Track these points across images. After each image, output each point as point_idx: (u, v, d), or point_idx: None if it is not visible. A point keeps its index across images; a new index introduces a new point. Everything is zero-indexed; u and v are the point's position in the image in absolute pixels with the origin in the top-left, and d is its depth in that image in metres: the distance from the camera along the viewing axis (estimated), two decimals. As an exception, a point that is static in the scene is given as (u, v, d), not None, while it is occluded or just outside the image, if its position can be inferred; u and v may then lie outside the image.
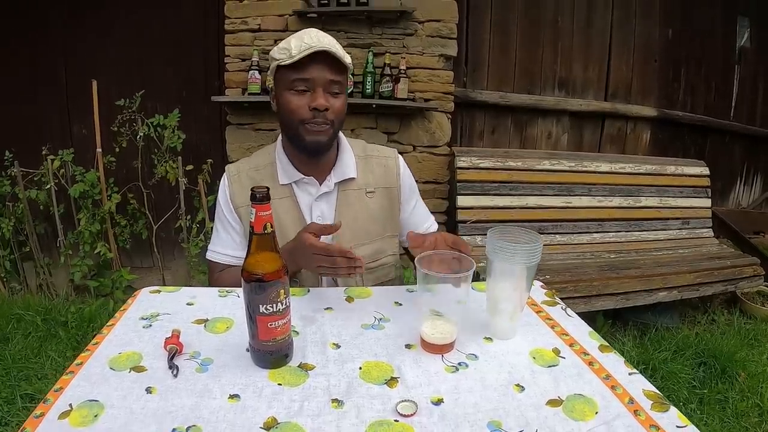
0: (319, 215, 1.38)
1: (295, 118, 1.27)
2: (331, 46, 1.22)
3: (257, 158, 1.46)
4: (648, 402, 0.84)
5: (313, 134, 1.28)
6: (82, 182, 3.21)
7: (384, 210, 1.45)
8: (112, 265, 3.36)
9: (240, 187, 1.41)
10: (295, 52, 1.21)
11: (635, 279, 2.81)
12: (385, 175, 1.45)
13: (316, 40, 1.22)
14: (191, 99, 3.57)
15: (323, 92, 1.25)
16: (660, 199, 3.53)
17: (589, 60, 3.79)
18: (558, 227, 3.30)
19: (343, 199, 1.40)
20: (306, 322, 1.09)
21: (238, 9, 3.13)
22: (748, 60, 4.41)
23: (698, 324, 3.11)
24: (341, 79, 1.28)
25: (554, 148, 3.82)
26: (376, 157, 1.46)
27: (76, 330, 2.82)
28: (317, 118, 1.26)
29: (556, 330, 1.09)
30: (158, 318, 1.10)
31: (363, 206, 1.41)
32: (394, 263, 1.48)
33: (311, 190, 1.39)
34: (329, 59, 1.23)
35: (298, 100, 1.26)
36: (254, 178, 1.41)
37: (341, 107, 1.30)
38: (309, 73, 1.24)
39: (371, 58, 3.05)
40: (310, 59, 1.22)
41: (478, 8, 3.52)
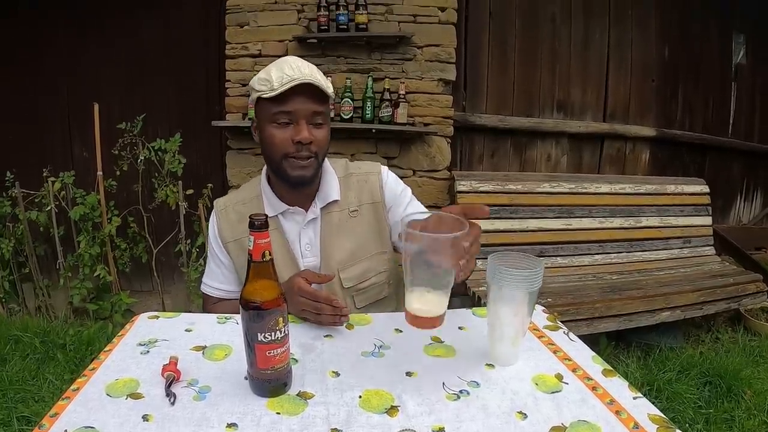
0: (307, 242, 1.37)
1: (279, 152, 1.25)
2: (313, 77, 1.20)
3: (244, 192, 1.45)
4: (653, 426, 0.82)
5: (298, 169, 1.26)
6: (82, 205, 3.22)
7: (370, 227, 1.41)
8: (111, 289, 3.34)
9: (227, 222, 1.40)
10: (277, 85, 1.19)
11: (638, 300, 2.79)
12: (368, 190, 1.41)
13: (297, 72, 1.19)
14: (192, 123, 3.59)
15: (306, 124, 1.23)
16: (661, 219, 3.52)
17: (587, 81, 3.81)
18: (559, 249, 3.28)
19: (326, 223, 1.38)
20: (305, 349, 1.07)
21: (239, 34, 3.16)
22: (745, 76, 4.44)
23: (702, 343, 3.09)
24: (324, 109, 1.26)
25: (554, 171, 3.82)
26: (357, 174, 1.43)
27: (75, 353, 2.81)
28: (301, 152, 1.24)
29: (559, 355, 1.07)
30: (156, 344, 1.09)
31: (347, 227, 1.39)
32: (386, 280, 1.45)
33: (297, 219, 1.37)
34: (311, 90, 1.21)
35: (281, 133, 1.24)
36: (241, 212, 1.40)
37: (325, 138, 1.29)
38: (291, 106, 1.21)
39: (371, 83, 3.08)
40: (292, 91, 1.19)
41: (476, 32, 3.56)
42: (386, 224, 1.43)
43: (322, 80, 1.22)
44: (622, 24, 3.83)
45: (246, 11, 3.15)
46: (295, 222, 1.37)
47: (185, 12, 3.52)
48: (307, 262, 1.37)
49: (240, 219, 1.39)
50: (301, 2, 3.14)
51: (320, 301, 1.13)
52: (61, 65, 3.57)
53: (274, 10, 3.14)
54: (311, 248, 1.37)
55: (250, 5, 3.14)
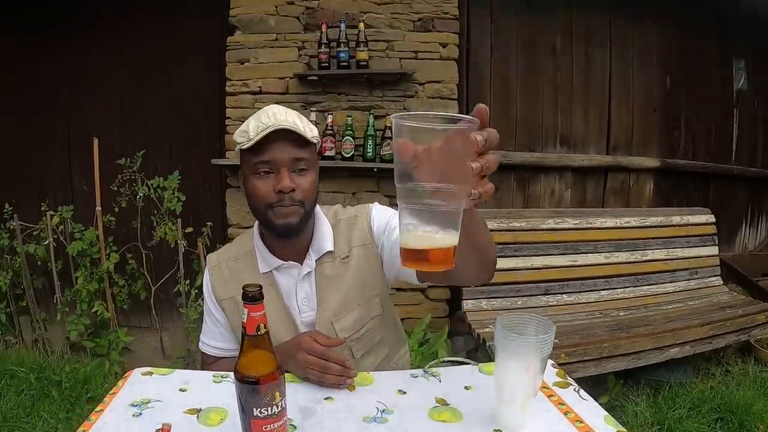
0: (304, 297, 1.32)
1: (262, 202, 1.22)
2: (289, 123, 1.17)
3: (237, 246, 1.41)
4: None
5: (282, 217, 1.21)
6: (80, 240, 3.20)
7: (362, 271, 1.34)
8: (109, 325, 3.30)
9: (221, 280, 1.36)
10: (253, 134, 1.17)
11: (646, 337, 2.73)
12: (357, 234, 1.35)
13: (272, 119, 1.17)
14: (193, 160, 3.60)
15: (288, 172, 1.20)
16: (667, 251, 3.47)
17: (589, 113, 3.80)
18: (564, 287, 3.22)
19: (320, 275, 1.33)
20: (304, 414, 1.02)
21: (240, 71, 3.18)
22: (746, 102, 4.43)
23: (712, 376, 3.04)
24: (306, 155, 1.22)
25: (558, 205, 3.79)
26: (345, 219, 1.38)
27: (70, 391, 2.77)
28: (284, 201, 1.20)
29: (570, 417, 1.02)
30: (149, 405, 1.04)
31: (341, 276, 1.33)
32: (379, 324, 1.39)
33: (293, 273, 1.32)
34: (291, 136, 1.18)
35: (263, 184, 1.20)
36: (234, 268, 1.36)
37: (310, 185, 1.24)
38: (270, 154, 1.18)
39: (372, 121, 3.07)
40: (270, 139, 1.16)
41: (478, 68, 3.56)
42: (379, 265, 1.35)
43: (300, 125, 1.19)
44: (623, 53, 3.82)
45: (247, 48, 3.17)
46: (290, 276, 1.32)
47: (186, 48, 3.56)
48: (305, 318, 1.33)
49: (233, 276, 1.35)
50: (301, 39, 3.16)
51: (331, 360, 1.10)
52: (63, 99, 3.61)
53: (274, 47, 3.16)
54: (308, 302, 1.33)
55: (251, 42, 3.17)
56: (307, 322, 1.32)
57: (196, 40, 3.54)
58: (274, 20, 3.17)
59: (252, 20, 3.17)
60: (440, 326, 3.25)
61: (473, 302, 3.00)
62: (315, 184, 1.26)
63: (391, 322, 1.47)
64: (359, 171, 3.16)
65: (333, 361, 1.11)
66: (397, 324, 1.52)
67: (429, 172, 0.64)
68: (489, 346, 2.54)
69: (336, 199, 3.21)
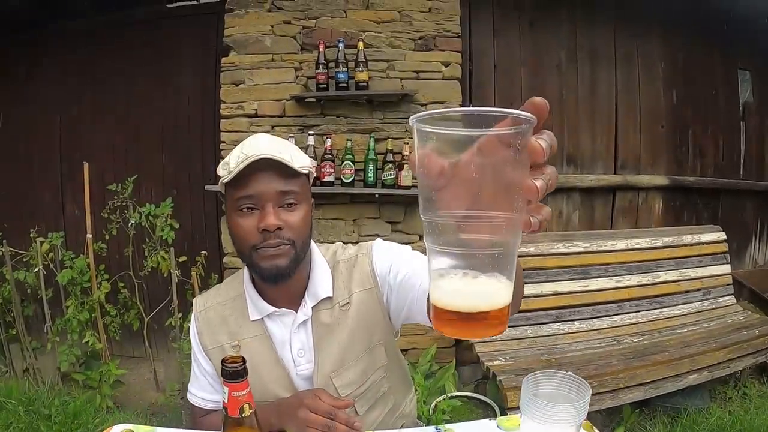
0: (300, 348, 1.19)
1: (246, 244, 1.08)
2: (272, 152, 1.04)
3: (226, 290, 1.27)
4: None
5: (269, 259, 1.08)
6: (70, 269, 3.09)
7: (364, 318, 1.21)
8: (101, 356, 3.17)
9: (208, 327, 1.23)
10: (233, 166, 1.05)
11: (663, 365, 2.66)
12: (358, 277, 1.22)
13: (254, 149, 1.04)
14: (187, 185, 3.53)
15: (273, 208, 1.06)
16: (679, 272, 3.40)
17: (596, 132, 3.72)
18: (576, 313, 3.13)
19: (317, 324, 1.19)
20: None
21: (234, 93, 3.08)
22: (752, 115, 4.38)
23: (730, 400, 2.99)
24: (295, 188, 1.09)
25: (566, 227, 3.71)
26: (344, 260, 1.24)
27: (60, 426, 2.68)
28: (270, 241, 1.07)
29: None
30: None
31: (340, 325, 1.20)
32: (384, 374, 1.25)
33: (286, 322, 1.19)
34: (276, 167, 1.05)
35: (246, 222, 1.07)
36: (222, 314, 1.23)
37: (300, 221, 1.10)
38: (253, 188, 1.06)
39: (372, 144, 2.96)
40: (252, 171, 1.04)
41: (481, 86, 3.48)
42: (383, 310, 1.22)
43: (287, 154, 1.07)
44: (628, 69, 3.76)
45: (242, 69, 3.08)
46: (283, 325, 1.19)
47: (180, 71, 3.51)
48: (301, 371, 1.20)
49: (222, 322, 1.22)
50: (299, 60, 3.07)
51: (340, 421, 1.01)
52: (55, 123, 3.58)
53: (270, 67, 3.07)
54: (305, 354, 1.19)
55: (246, 63, 3.07)
56: (303, 375, 1.20)
57: (191, 61, 3.49)
58: (270, 40, 3.07)
59: (247, 40, 3.07)
60: (446, 357, 3.13)
61: (483, 332, 2.89)
62: (307, 220, 1.13)
63: (397, 368, 1.34)
64: (360, 197, 3.05)
65: (340, 422, 1.01)
66: (403, 367, 1.39)
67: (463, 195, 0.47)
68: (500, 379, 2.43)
69: (336, 226, 3.10)
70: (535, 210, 0.50)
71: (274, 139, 1.11)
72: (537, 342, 2.95)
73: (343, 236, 3.08)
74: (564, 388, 0.86)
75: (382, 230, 3.11)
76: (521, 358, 2.75)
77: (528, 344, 2.92)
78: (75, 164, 3.35)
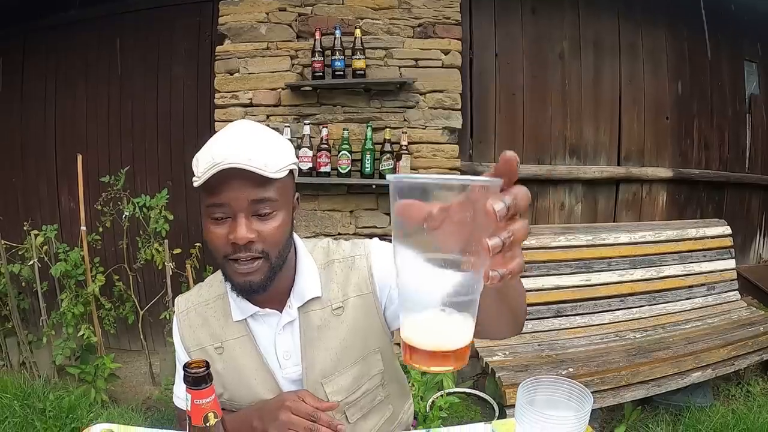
0: (286, 350, 1.12)
1: (218, 254, 1.01)
2: (241, 159, 0.93)
3: (208, 289, 1.20)
4: None
5: (242, 275, 1.00)
6: (64, 261, 3.04)
7: (358, 326, 1.14)
8: (97, 350, 3.14)
9: (190, 328, 1.17)
10: (202, 170, 0.96)
11: (666, 362, 2.62)
12: (355, 280, 1.14)
13: (224, 152, 0.94)
14: (183, 176, 3.50)
15: (245, 219, 0.97)
16: (683, 266, 3.36)
17: (599, 123, 3.68)
18: (578, 308, 3.09)
19: (306, 325, 1.12)
20: None
21: (229, 82, 3.04)
22: (758, 107, 4.33)
23: (733, 398, 2.96)
24: (271, 195, 0.98)
25: (568, 219, 3.66)
26: (339, 260, 1.16)
27: (54, 420, 2.65)
28: (241, 253, 0.98)
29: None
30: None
31: (332, 329, 1.13)
32: (380, 382, 1.19)
33: (271, 322, 1.13)
34: (248, 173, 0.94)
35: (218, 230, 0.99)
36: (204, 315, 1.17)
37: (276, 231, 1.01)
38: (224, 196, 0.96)
39: (370, 134, 2.92)
40: (222, 178, 0.94)
41: (483, 76, 3.43)
42: (381, 317, 1.16)
43: (260, 158, 0.95)
44: (633, 60, 3.71)
45: (236, 57, 3.04)
46: (267, 326, 1.13)
47: (175, 59, 3.47)
48: (287, 374, 1.13)
49: (204, 323, 1.17)
50: (294, 48, 3.03)
51: (319, 422, 0.99)
52: (48, 114, 3.57)
53: (265, 56, 3.02)
54: (291, 357, 1.13)
55: (241, 51, 3.03)
56: (290, 378, 1.14)
57: (185, 51, 3.45)
58: (265, 28, 3.02)
59: (242, 28, 3.02)
60: (444, 352, 3.08)
61: (484, 328, 2.85)
62: (284, 228, 1.03)
63: (395, 375, 1.27)
64: (357, 188, 3.02)
65: (322, 425, 0.97)
66: (399, 373, 1.32)
67: (432, 241, 0.52)
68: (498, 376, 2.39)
69: (332, 217, 3.06)
70: (499, 264, 0.52)
71: (249, 136, 1.00)
72: (537, 337, 2.91)
73: (340, 228, 3.03)
74: (563, 395, 0.81)
75: (379, 222, 3.08)
76: (521, 354, 2.71)
77: (528, 339, 2.88)
78: (69, 156, 3.32)
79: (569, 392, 0.81)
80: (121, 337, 3.55)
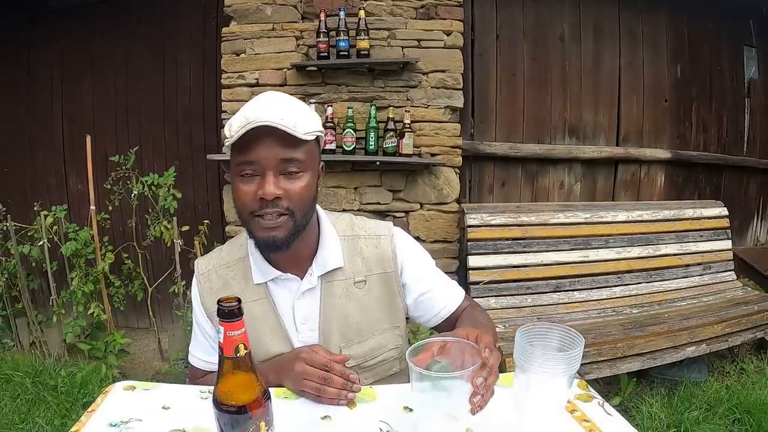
0: (303, 316, 1.18)
1: (245, 209, 1.06)
2: (274, 119, 0.99)
3: (229, 252, 1.25)
4: None
5: (266, 230, 1.05)
6: (74, 241, 3.10)
7: (380, 301, 1.21)
8: (106, 327, 3.21)
9: (210, 290, 1.21)
10: (235, 129, 1.01)
11: (661, 336, 2.66)
12: (379, 258, 1.21)
13: (257, 113, 0.99)
14: (189, 155, 3.54)
15: (273, 176, 1.02)
16: (680, 246, 3.40)
17: (599, 104, 3.70)
18: (576, 283, 3.14)
19: (327, 294, 1.18)
20: (300, 437, 0.91)
21: (235, 63, 3.08)
22: (758, 92, 4.34)
23: (727, 375, 3.01)
24: (299, 155, 1.04)
25: (567, 198, 3.70)
26: (365, 237, 1.22)
27: (66, 396, 2.70)
28: (267, 209, 1.03)
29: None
30: (128, 425, 0.95)
31: (352, 300, 1.19)
32: (397, 356, 1.24)
33: (291, 287, 1.17)
34: (279, 133, 1.00)
35: (246, 187, 1.04)
36: (225, 277, 1.21)
37: (303, 190, 1.06)
38: (254, 154, 1.01)
39: (374, 113, 2.96)
40: (253, 137, 1.00)
41: (484, 56, 3.46)
42: (400, 297, 1.23)
43: (292, 119, 1.01)
44: (633, 42, 3.72)
45: (242, 38, 3.07)
46: (287, 291, 1.18)
47: (181, 41, 3.49)
48: (303, 338, 1.18)
49: (224, 285, 1.20)
50: (299, 29, 3.06)
51: (334, 372, 1.02)
52: (56, 97, 3.57)
53: (271, 37, 3.06)
54: (308, 322, 1.18)
55: (247, 32, 3.07)
56: (306, 342, 1.18)
57: (191, 31, 3.47)
58: (270, 9, 3.06)
59: (248, 10, 3.06)
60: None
61: (482, 300, 2.91)
62: (310, 189, 1.09)
63: None
64: (361, 165, 3.06)
65: (335, 374, 1.01)
66: None
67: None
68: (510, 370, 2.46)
69: (337, 194, 3.12)
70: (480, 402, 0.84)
71: (281, 100, 1.06)
72: (536, 311, 2.96)
73: (345, 204, 3.09)
74: (555, 338, 0.88)
75: (383, 198, 3.13)
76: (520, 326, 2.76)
77: (528, 313, 2.93)
78: (76, 138, 3.37)
79: (561, 334, 0.88)
80: (129, 315, 3.61)
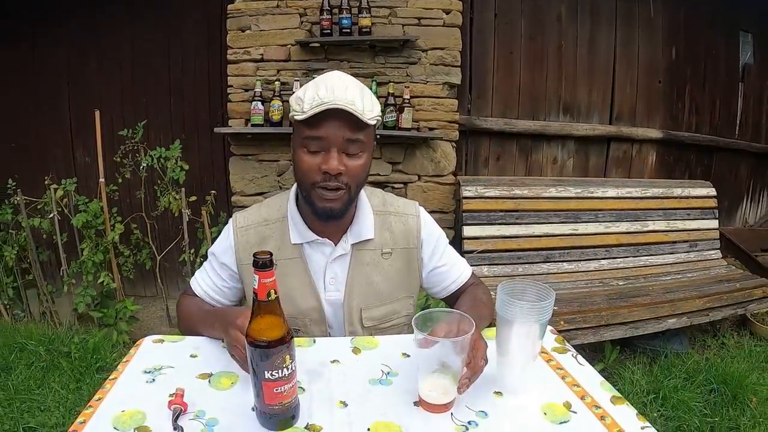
0: (332, 277, 1.29)
1: (307, 179, 1.15)
2: (346, 103, 1.08)
3: (269, 210, 1.32)
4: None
5: (326, 201, 1.15)
6: (85, 212, 3.19)
7: (400, 272, 1.33)
8: (115, 295, 3.32)
9: (247, 243, 1.29)
10: (307, 107, 1.09)
11: (644, 307, 2.77)
12: (405, 234, 1.32)
13: (330, 95, 1.08)
14: (195, 129, 3.59)
15: (338, 153, 1.12)
16: (667, 223, 3.49)
17: (593, 83, 3.77)
18: (565, 255, 3.26)
19: (357, 260, 1.28)
20: (312, 376, 1.05)
21: (241, 39, 3.13)
22: (752, 76, 4.41)
23: (708, 348, 3.08)
24: (362, 137, 1.13)
25: (560, 174, 3.79)
26: (395, 214, 1.33)
27: (80, 361, 2.78)
28: (329, 182, 1.13)
29: (567, 381, 1.06)
30: (162, 371, 1.07)
31: (377, 268, 1.30)
32: (407, 323, 1.36)
33: (325, 251, 1.28)
34: (347, 116, 1.09)
35: (311, 159, 1.14)
36: (263, 234, 1.29)
37: (360, 169, 1.16)
38: (323, 131, 1.10)
39: (375, 88, 3.03)
40: (324, 116, 1.09)
41: (482, 34, 3.52)
42: (417, 271, 1.35)
43: (360, 104, 1.10)
44: (628, 24, 3.77)
45: (248, 15, 3.12)
46: (321, 254, 1.28)
47: (186, 17, 3.52)
48: (329, 297, 1.30)
49: (261, 241, 1.28)
50: (303, 6, 3.10)
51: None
52: (62, 72, 3.58)
53: (276, 14, 3.11)
54: (335, 283, 1.29)
55: (252, 9, 3.11)
56: (331, 300, 1.30)
57: (196, 8, 3.49)
58: (275, -14, 3.11)
59: (253, -14, 3.11)
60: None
61: (476, 268, 3.01)
62: (366, 168, 1.19)
63: None
64: (361, 138, 3.14)
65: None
66: None
67: None
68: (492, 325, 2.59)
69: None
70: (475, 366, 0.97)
71: (351, 84, 1.13)
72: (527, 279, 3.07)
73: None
74: (531, 293, 1.02)
75: (383, 170, 3.22)
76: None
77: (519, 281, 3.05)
78: (83, 113, 3.40)
79: (537, 289, 1.02)
80: (137, 283, 3.71)
